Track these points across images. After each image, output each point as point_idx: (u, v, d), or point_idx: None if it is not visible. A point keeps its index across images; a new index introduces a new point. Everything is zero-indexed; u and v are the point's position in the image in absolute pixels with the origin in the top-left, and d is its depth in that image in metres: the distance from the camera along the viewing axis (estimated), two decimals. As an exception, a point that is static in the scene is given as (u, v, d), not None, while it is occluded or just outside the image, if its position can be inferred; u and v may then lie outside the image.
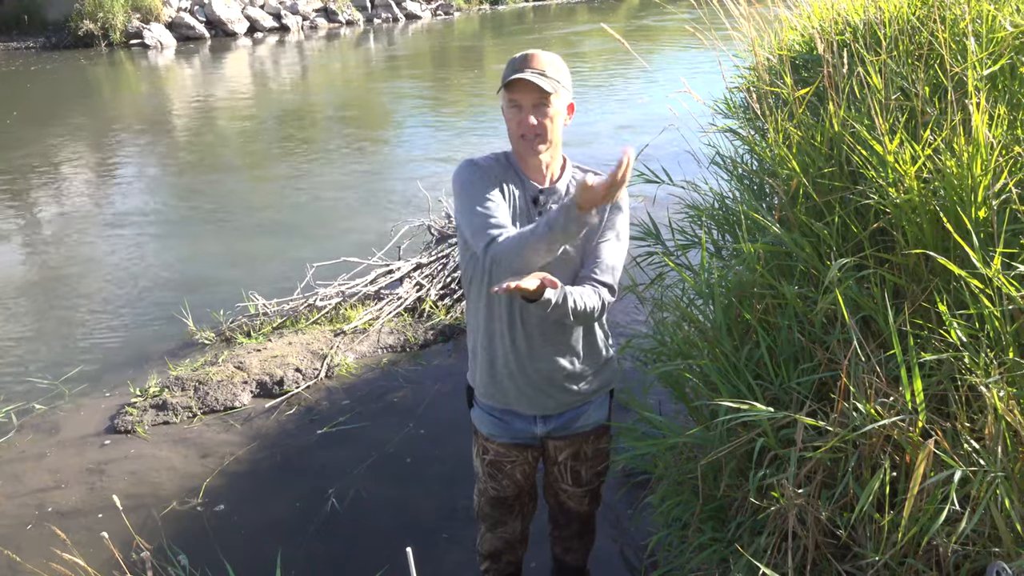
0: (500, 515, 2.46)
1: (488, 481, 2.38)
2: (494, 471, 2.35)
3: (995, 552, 1.60)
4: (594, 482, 2.41)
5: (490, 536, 2.53)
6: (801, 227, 2.44)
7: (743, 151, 3.53)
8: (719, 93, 3.96)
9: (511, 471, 2.34)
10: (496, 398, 2.23)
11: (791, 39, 4.02)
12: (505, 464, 2.33)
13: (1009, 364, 1.77)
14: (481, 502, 2.46)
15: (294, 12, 22.76)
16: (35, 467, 3.60)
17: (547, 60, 1.99)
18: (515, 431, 2.27)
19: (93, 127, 11.56)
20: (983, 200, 2.04)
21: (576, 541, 2.60)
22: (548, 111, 1.97)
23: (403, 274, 5.27)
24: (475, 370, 2.25)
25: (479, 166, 2.06)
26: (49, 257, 6.56)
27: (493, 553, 2.57)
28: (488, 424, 2.29)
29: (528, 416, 2.24)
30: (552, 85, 1.94)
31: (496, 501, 2.42)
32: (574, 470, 2.35)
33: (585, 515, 2.51)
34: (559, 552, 2.65)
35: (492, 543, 2.55)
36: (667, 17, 21.48)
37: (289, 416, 3.96)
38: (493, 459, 2.33)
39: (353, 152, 9.81)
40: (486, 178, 2.03)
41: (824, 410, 1.94)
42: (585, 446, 2.31)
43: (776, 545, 1.85)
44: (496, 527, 2.50)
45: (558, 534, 2.61)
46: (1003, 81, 2.73)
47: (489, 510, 2.45)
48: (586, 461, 2.34)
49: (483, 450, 2.34)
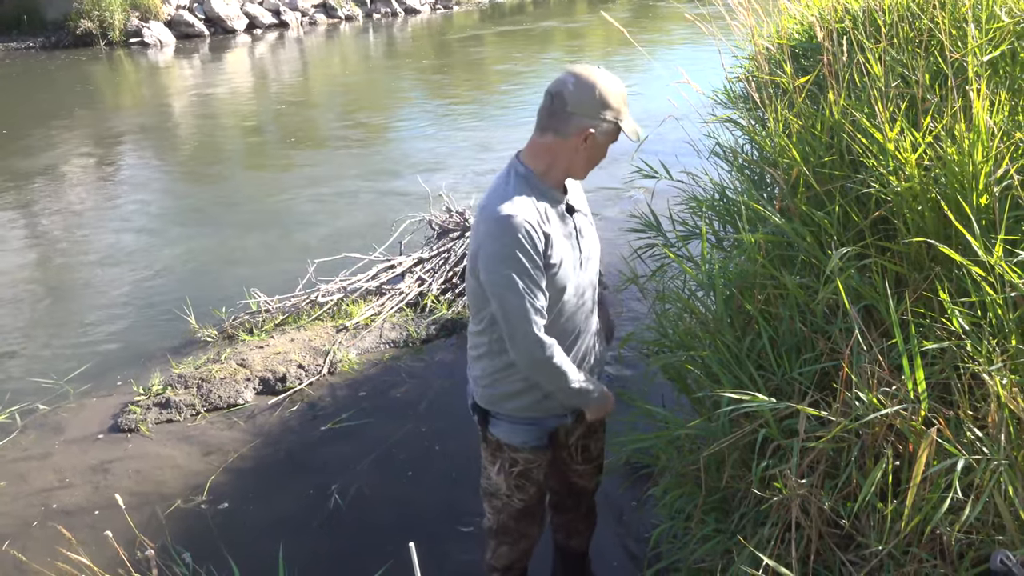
0: (525, 527, 2.38)
1: (515, 493, 2.27)
2: (522, 482, 2.25)
3: (999, 540, 1.59)
4: (600, 456, 2.44)
5: (507, 550, 2.43)
6: (802, 216, 2.43)
7: (743, 141, 3.52)
8: (719, 83, 3.95)
9: (537, 476, 2.27)
10: (542, 407, 2.15)
11: (790, 27, 4.00)
12: (533, 471, 2.25)
13: (1012, 351, 1.76)
14: (502, 518, 2.35)
15: (293, 8, 22.71)
16: (40, 466, 3.61)
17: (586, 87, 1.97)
18: (545, 430, 2.21)
19: (93, 126, 11.56)
20: (984, 187, 2.03)
21: (582, 523, 2.60)
22: None
23: (405, 269, 5.27)
24: (518, 389, 2.12)
25: (527, 224, 1.90)
26: (51, 257, 6.56)
27: (508, 566, 2.48)
28: (521, 432, 2.18)
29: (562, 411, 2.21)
30: None
31: (523, 513, 2.32)
32: (585, 447, 2.37)
33: (592, 491, 2.52)
34: (562, 538, 2.63)
35: (508, 556, 2.44)
36: (667, 7, 21.40)
37: (292, 413, 3.97)
38: (523, 469, 2.23)
39: (354, 147, 9.80)
40: (533, 241, 1.91)
41: (826, 400, 1.93)
42: (593, 420, 2.29)
43: (779, 536, 1.84)
44: (520, 540, 2.40)
45: (562, 520, 2.59)
46: (1004, 67, 2.71)
47: (514, 524, 2.35)
48: (595, 435, 2.38)
49: (510, 463, 2.23)
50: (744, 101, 3.75)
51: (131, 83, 15.74)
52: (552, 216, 1.99)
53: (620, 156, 2.91)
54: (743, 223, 2.54)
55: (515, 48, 18.19)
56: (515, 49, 17.99)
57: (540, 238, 1.92)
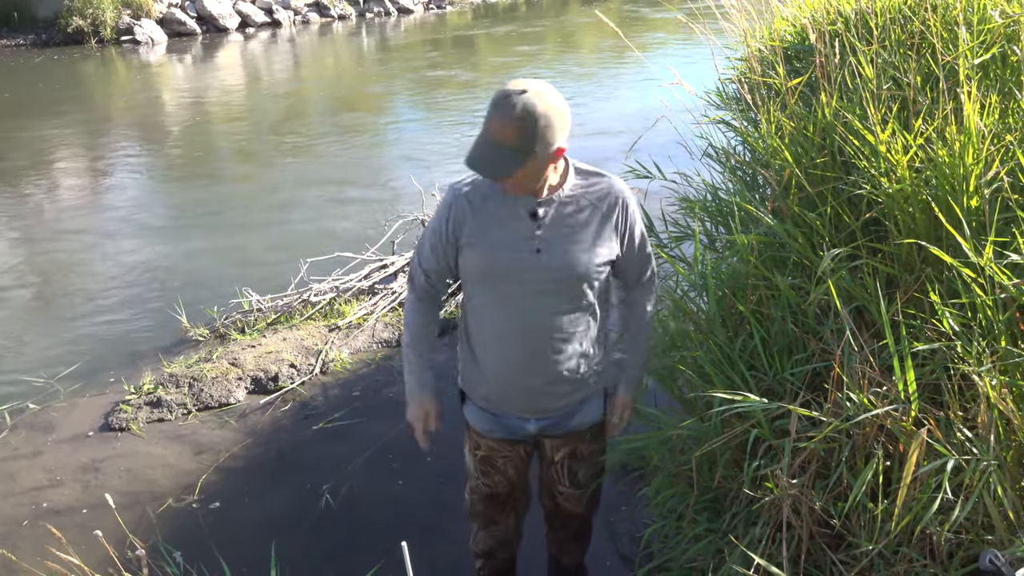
0: (493, 512, 2.42)
1: (480, 478, 2.33)
2: (486, 467, 2.30)
3: (988, 540, 1.60)
4: (592, 483, 2.36)
5: (483, 535, 2.49)
6: (794, 218, 2.44)
7: (736, 142, 3.53)
8: (712, 84, 3.96)
9: (503, 467, 2.29)
10: (490, 400, 2.17)
11: (783, 29, 4.02)
12: (497, 460, 2.28)
13: (1001, 352, 1.77)
14: (473, 500, 2.41)
15: (286, 7, 22.64)
16: (30, 465, 3.59)
17: (518, 119, 1.74)
18: (508, 427, 2.21)
19: (85, 124, 11.50)
20: (975, 189, 2.05)
21: (573, 543, 2.58)
22: (521, 181, 1.86)
23: (397, 269, 5.26)
24: (470, 371, 2.18)
25: (456, 199, 2.01)
26: (41, 255, 6.52)
27: (487, 552, 2.53)
28: (481, 420, 2.23)
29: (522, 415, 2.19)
30: (507, 165, 1.79)
31: (489, 498, 2.37)
32: (571, 470, 2.30)
33: (583, 517, 2.47)
34: (555, 552, 2.63)
35: (486, 542, 2.51)
36: (660, 9, 21.43)
37: (284, 412, 3.96)
38: (485, 455, 2.28)
39: (346, 147, 9.78)
40: (446, 215, 2.01)
41: (818, 400, 1.94)
42: (581, 445, 2.26)
43: (771, 535, 1.85)
44: (489, 525, 2.45)
45: (554, 536, 2.58)
46: (995, 70, 2.73)
47: (482, 508, 2.41)
48: (583, 461, 2.29)
49: (475, 446, 2.30)
50: (737, 102, 3.76)
51: (123, 82, 15.66)
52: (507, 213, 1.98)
53: (613, 157, 2.91)
54: (736, 224, 2.55)
55: (508, 48, 18.19)
56: (508, 49, 17.99)
57: (457, 213, 2.01)
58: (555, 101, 1.79)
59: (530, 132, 1.75)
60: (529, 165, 1.81)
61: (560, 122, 1.80)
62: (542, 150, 1.79)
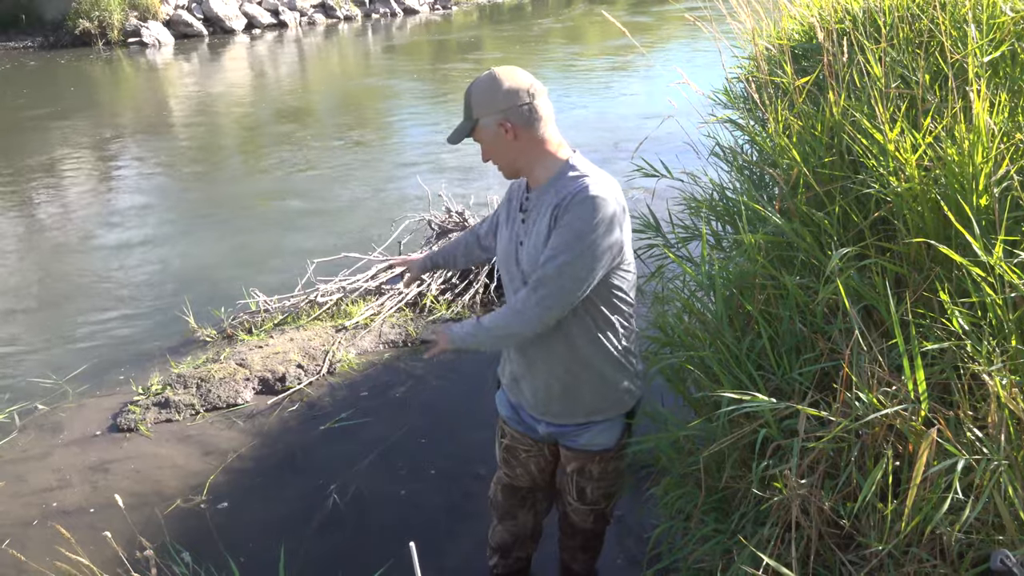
0: (511, 506, 2.46)
1: (503, 467, 2.41)
2: (509, 457, 2.37)
3: (999, 540, 1.60)
4: (600, 503, 2.36)
5: (500, 528, 2.53)
6: (802, 217, 2.43)
7: (743, 141, 3.52)
8: (719, 83, 3.95)
9: (525, 460, 2.35)
10: (506, 379, 2.27)
11: (790, 28, 4.01)
12: (520, 452, 2.34)
13: (1012, 352, 1.76)
14: (496, 490, 2.49)
15: (292, 8, 22.71)
16: (39, 466, 3.61)
17: (467, 90, 1.97)
18: (525, 423, 2.28)
19: (91, 126, 11.55)
20: (984, 188, 2.03)
21: (580, 553, 2.59)
22: (483, 150, 2.00)
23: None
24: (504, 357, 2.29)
25: (509, 189, 2.20)
26: (49, 256, 6.55)
27: (502, 546, 2.57)
28: (505, 406, 2.34)
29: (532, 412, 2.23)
30: (458, 132, 1.99)
31: (509, 490, 2.43)
32: (579, 486, 2.32)
33: (590, 532, 2.49)
34: (566, 558, 2.66)
35: (501, 535, 2.55)
36: (666, 8, 21.41)
37: (291, 413, 3.96)
38: (509, 444, 2.35)
39: (353, 147, 9.80)
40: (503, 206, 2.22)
41: (826, 400, 1.94)
42: (590, 465, 2.26)
43: (779, 536, 1.84)
44: (506, 518, 2.49)
45: (564, 542, 2.61)
46: (1004, 68, 2.71)
47: (502, 499, 2.47)
48: (592, 480, 2.29)
49: (501, 434, 2.38)
50: (744, 101, 3.75)
51: (130, 83, 15.72)
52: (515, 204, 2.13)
53: (620, 155, 2.90)
54: (743, 223, 2.54)
55: (514, 47, 18.19)
56: (514, 48, 17.99)
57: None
58: (506, 78, 1.89)
59: (472, 100, 1.92)
60: (479, 135, 1.94)
61: (502, 96, 1.87)
62: (486, 120, 1.90)
